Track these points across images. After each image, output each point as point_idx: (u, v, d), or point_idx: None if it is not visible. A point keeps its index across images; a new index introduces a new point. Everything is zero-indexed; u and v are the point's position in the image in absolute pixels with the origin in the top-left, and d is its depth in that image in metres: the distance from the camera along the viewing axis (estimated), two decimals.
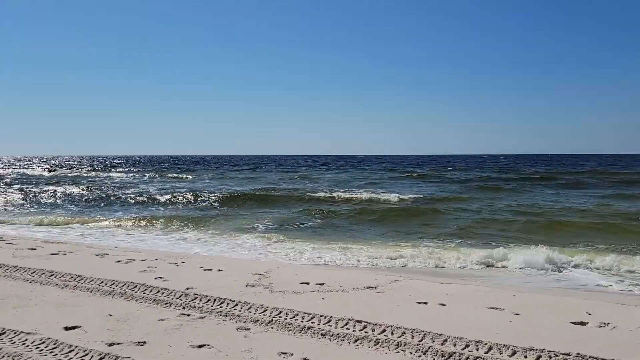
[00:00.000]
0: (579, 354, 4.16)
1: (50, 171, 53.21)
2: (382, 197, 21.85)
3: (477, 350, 4.27)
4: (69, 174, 47.61)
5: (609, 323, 5.11)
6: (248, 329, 4.82)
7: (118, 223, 14.94)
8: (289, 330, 4.79)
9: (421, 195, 22.69)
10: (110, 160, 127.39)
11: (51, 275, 7.00)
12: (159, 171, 54.27)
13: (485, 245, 11.10)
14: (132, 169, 60.78)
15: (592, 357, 4.10)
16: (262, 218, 15.68)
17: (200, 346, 4.36)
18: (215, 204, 20.34)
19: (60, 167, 63.59)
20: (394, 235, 12.82)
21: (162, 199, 21.52)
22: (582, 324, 5.13)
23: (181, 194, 22.50)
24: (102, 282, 6.64)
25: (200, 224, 14.64)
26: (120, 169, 61.00)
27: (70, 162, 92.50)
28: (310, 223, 15.09)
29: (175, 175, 44.92)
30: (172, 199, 21.38)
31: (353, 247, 11.05)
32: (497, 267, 9.26)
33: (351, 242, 11.79)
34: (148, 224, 14.80)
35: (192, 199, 21.54)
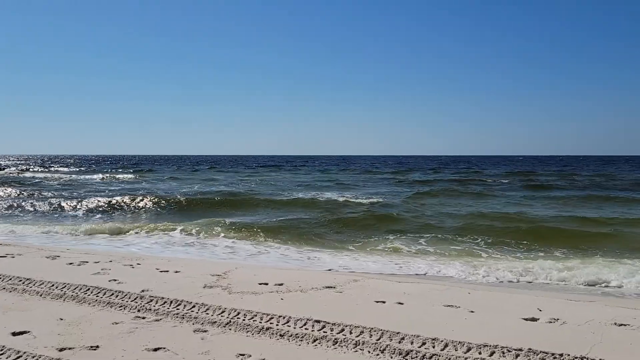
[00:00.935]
0: (530, 349, 4.29)
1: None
2: (354, 200, 21.16)
3: (434, 347, 4.35)
4: (15, 174, 45.74)
5: (558, 319, 5.30)
6: (205, 331, 4.75)
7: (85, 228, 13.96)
8: (248, 331, 4.76)
9: (394, 197, 22.43)
10: (62, 158, 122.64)
11: None
12: (112, 171, 52.60)
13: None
14: (82, 169, 58.35)
15: (543, 352, 4.23)
16: (229, 221, 14.83)
17: (155, 349, 4.27)
18: (179, 207, 19.37)
19: (7, 167, 60.95)
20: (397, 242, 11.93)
21: (122, 200, 20.21)
22: (534, 320, 5.29)
23: (141, 196, 21.20)
24: (53, 285, 6.41)
25: (163, 228, 13.65)
26: (69, 169, 58.62)
27: (15, 162, 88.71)
28: (280, 224, 14.52)
29: (131, 175, 43.28)
30: (132, 202, 20.07)
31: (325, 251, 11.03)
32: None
33: (324, 246, 11.60)
34: (119, 227, 14.02)
35: (154, 201, 20.18)
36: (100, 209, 19.01)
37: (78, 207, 19.11)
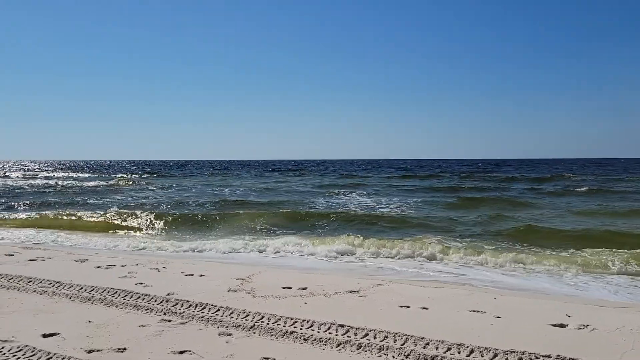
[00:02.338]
0: (559, 355, 4.20)
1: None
2: (389, 209, 19.15)
3: (459, 353, 4.30)
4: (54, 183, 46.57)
5: (588, 325, 5.18)
6: (230, 335, 4.79)
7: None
8: (272, 335, 4.77)
9: (431, 204, 20.93)
10: (78, 165, 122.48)
11: (29, 282, 6.88)
12: (150, 176, 52.46)
13: None
14: (102, 175, 56.24)
15: (572, 359, 4.14)
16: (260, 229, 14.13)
17: (181, 352, 4.31)
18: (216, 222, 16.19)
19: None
20: None
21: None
22: (562, 326, 5.19)
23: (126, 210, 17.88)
24: (82, 288, 6.54)
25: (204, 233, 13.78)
26: (89, 175, 58.02)
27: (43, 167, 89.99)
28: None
29: (167, 182, 41.21)
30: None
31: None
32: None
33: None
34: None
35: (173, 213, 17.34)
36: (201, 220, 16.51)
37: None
